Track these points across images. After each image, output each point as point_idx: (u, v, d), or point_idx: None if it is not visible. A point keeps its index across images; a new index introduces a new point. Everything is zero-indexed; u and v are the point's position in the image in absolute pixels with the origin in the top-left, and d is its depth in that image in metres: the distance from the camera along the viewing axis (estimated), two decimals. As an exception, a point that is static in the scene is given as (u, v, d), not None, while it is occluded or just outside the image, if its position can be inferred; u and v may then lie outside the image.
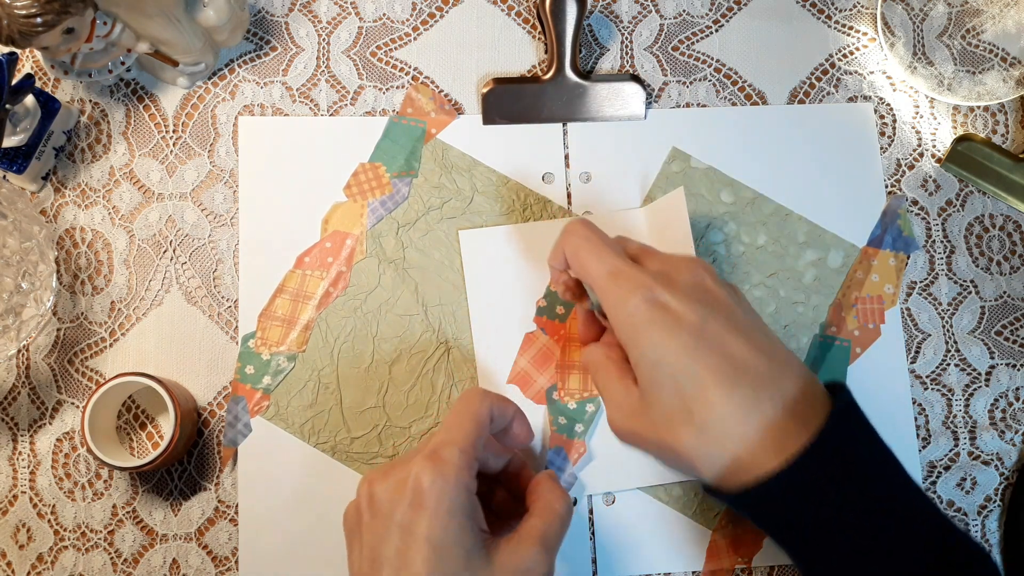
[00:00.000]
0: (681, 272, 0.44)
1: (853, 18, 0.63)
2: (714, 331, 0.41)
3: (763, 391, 0.40)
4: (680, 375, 0.41)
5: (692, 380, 0.41)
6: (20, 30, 0.46)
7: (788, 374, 0.41)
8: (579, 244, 0.46)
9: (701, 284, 0.44)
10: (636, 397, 0.43)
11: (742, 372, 0.41)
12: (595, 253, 0.45)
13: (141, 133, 0.58)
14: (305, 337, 0.56)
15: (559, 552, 0.46)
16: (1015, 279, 0.60)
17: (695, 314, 0.41)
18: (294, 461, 0.54)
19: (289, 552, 0.53)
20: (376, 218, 0.57)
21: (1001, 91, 0.62)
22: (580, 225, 0.47)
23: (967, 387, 0.59)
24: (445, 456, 0.42)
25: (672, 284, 0.43)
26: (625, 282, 0.43)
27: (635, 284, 0.43)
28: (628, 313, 0.42)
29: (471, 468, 0.43)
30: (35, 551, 0.54)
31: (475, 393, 0.46)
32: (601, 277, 0.44)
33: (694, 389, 0.41)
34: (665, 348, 0.41)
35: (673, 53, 0.61)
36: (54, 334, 0.56)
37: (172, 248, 0.57)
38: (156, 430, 0.56)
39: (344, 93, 0.59)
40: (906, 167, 0.61)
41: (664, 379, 0.41)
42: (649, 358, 0.42)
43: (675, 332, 0.41)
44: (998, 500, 0.58)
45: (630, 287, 0.43)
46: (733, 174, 0.59)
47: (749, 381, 0.41)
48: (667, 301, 0.42)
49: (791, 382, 0.41)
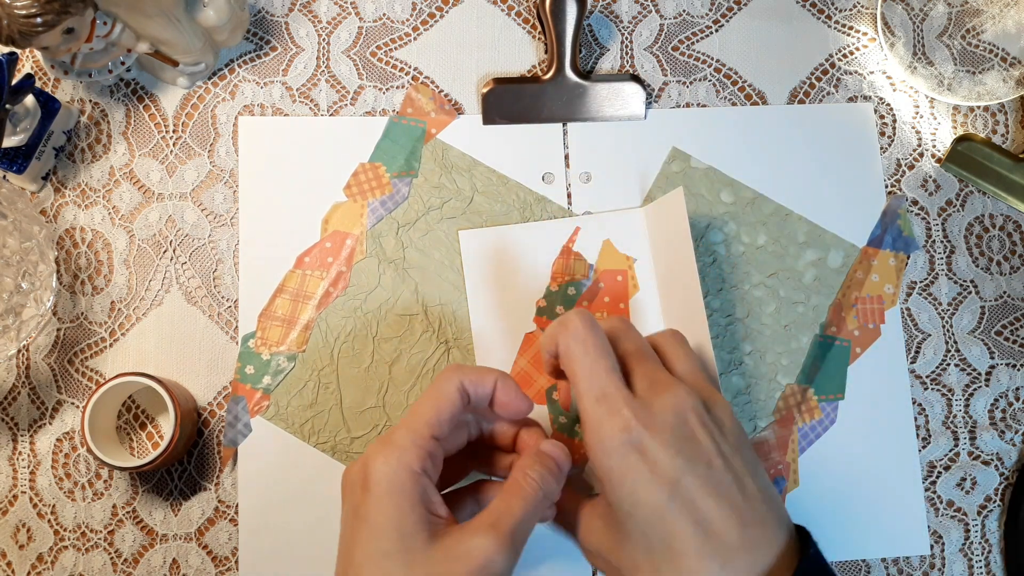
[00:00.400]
0: (665, 408, 0.41)
1: (853, 18, 0.63)
2: (688, 490, 0.39)
3: (733, 565, 0.39)
4: (652, 533, 0.40)
5: (663, 542, 0.39)
6: (20, 30, 0.46)
7: (762, 542, 0.40)
8: (574, 350, 0.43)
9: (684, 427, 0.41)
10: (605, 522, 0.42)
11: (713, 542, 0.39)
12: (589, 367, 0.42)
13: (141, 133, 0.58)
14: (305, 337, 0.56)
15: (559, 552, 0.45)
16: (1015, 279, 0.60)
17: (672, 468, 0.39)
18: (294, 461, 0.54)
19: (289, 552, 0.54)
20: (376, 218, 0.57)
21: (1001, 91, 0.62)
22: (580, 325, 0.43)
23: (967, 387, 0.59)
24: (395, 439, 0.41)
25: (653, 423, 0.40)
26: (607, 413, 0.41)
27: (616, 419, 0.40)
28: (605, 451, 0.40)
29: (419, 449, 0.41)
30: (35, 551, 0.54)
31: (445, 371, 0.44)
32: (587, 398, 0.41)
33: (664, 551, 0.39)
34: (639, 501, 0.40)
35: (673, 53, 0.61)
36: (54, 334, 0.56)
37: (172, 248, 0.57)
38: (156, 430, 0.56)
39: (344, 93, 0.59)
40: (906, 167, 0.61)
41: (636, 529, 0.40)
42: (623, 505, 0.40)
43: (649, 486, 0.39)
44: (998, 500, 0.58)
45: (611, 421, 0.40)
46: (733, 174, 0.59)
47: (720, 553, 0.39)
48: (646, 447, 0.40)
49: (764, 552, 0.40)
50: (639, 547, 0.40)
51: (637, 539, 0.40)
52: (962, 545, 0.57)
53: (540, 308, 0.56)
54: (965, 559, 0.57)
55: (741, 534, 0.39)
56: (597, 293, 0.57)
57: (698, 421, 0.41)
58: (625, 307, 0.57)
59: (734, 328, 0.57)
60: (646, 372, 0.43)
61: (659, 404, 0.41)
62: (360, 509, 0.40)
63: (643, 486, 0.39)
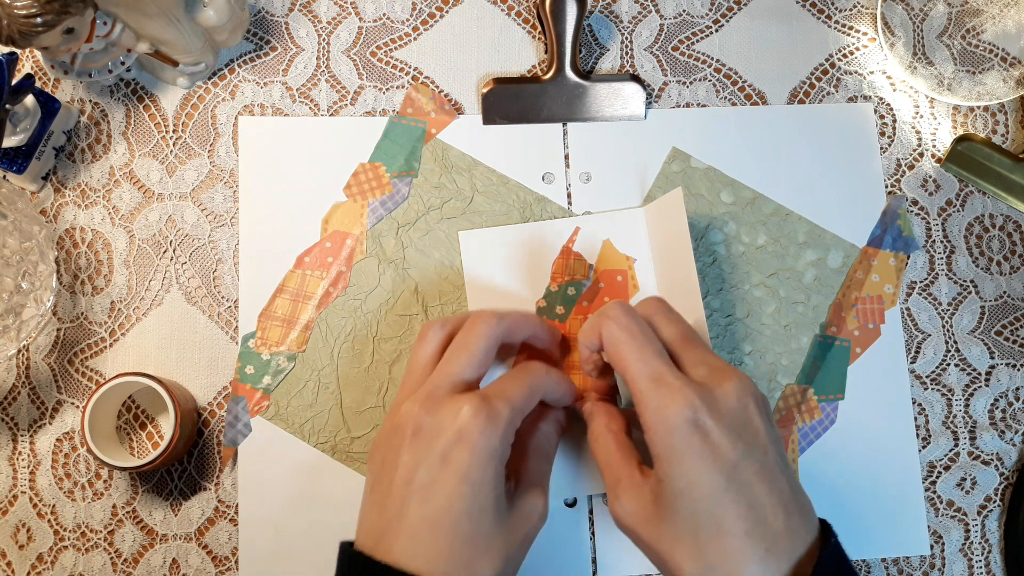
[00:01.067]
0: (728, 393, 0.42)
1: (853, 18, 0.63)
2: (747, 474, 0.41)
3: (776, 550, 0.40)
4: (703, 512, 0.40)
5: (713, 521, 0.40)
6: (20, 30, 0.46)
7: (801, 533, 0.41)
8: (620, 337, 0.44)
9: (745, 413, 0.42)
10: (647, 496, 0.43)
11: (762, 527, 0.40)
12: (638, 351, 0.43)
13: (141, 133, 0.58)
14: (305, 337, 0.56)
15: (559, 553, 0.46)
16: (1015, 279, 0.60)
17: (734, 451, 0.41)
18: (294, 461, 0.54)
19: (289, 552, 0.54)
20: (376, 218, 0.57)
21: (1001, 91, 0.62)
22: (621, 313, 0.45)
23: (967, 387, 0.59)
24: (497, 407, 0.43)
25: (716, 407, 0.41)
26: (668, 393, 0.41)
27: (679, 399, 0.41)
28: (667, 429, 0.41)
29: (514, 427, 0.44)
30: (35, 551, 0.54)
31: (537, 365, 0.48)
32: (642, 380, 0.43)
33: (712, 530, 0.40)
34: (696, 480, 0.40)
35: (673, 53, 0.61)
36: (54, 334, 0.56)
37: (172, 248, 0.57)
38: (156, 430, 0.56)
39: (344, 93, 0.59)
40: (906, 167, 0.61)
41: (685, 507, 0.41)
42: (677, 483, 0.41)
43: (710, 467, 0.40)
44: (998, 500, 0.58)
45: (673, 401, 0.41)
46: (733, 174, 0.59)
47: (766, 537, 0.40)
48: (709, 428, 0.41)
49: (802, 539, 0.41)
50: (685, 525, 0.41)
51: (684, 517, 0.41)
52: (962, 545, 0.57)
53: (540, 308, 0.56)
54: (965, 559, 0.57)
55: (786, 521, 0.41)
56: (597, 293, 0.57)
57: (756, 409, 0.43)
58: (625, 307, 0.57)
59: (734, 328, 0.57)
60: (700, 358, 0.45)
61: (722, 390, 0.42)
62: (453, 460, 0.42)
63: (703, 467, 0.40)
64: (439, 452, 0.42)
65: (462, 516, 0.41)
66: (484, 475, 0.42)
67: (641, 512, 0.43)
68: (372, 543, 0.42)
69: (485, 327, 0.47)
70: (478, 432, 0.42)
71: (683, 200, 0.53)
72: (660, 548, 0.42)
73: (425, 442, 0.43)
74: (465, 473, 0.42)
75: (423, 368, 0.47)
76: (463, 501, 0.41)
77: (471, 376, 0.46)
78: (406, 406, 0.44)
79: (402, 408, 0.45)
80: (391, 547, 0.41)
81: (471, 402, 0.43)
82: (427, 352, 0.48)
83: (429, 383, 0.45)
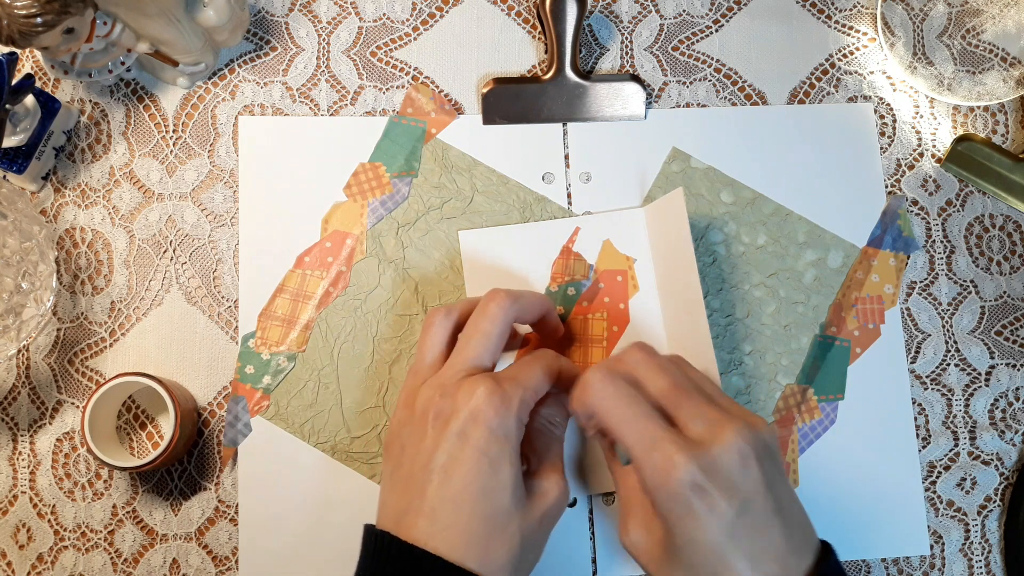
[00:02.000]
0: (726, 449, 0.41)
1: (853, 18, 0.63)
2: (746, 528, 0.41)
3: None
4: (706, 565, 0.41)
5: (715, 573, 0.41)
6: (20, 30, 0.46)
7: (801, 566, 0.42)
8: (604, 407, 0.43)
9: (743, 466, 0.41)
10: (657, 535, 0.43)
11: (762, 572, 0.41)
12: (627, 419, 0.43)
13: (141, 133, 0.58)
14: (305, 337, 0.56)
15: (558, 553, 0.46)
16: (1015, 279, 0.60)
17: (731, 509, 0.41)
18: (294, 461, 0.54)
19: (289, 552, 0.53)
20: (376, 218, 0.57)
21: (1001, 91, 0.62)
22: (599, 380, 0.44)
23: (967, 387, 0.59)
24: (510, 391, 0.44)
25: (714, 467, 0.41)
26: (664, 460, 0.41)
27: (675, 465, 0.41)
28: (667, 494, 0.41)
29: (528, 409, 0.45)
30: (35, 551, 0.54)
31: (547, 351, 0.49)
32: (637, 448, 0.42)
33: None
34: (697, 539, 0.41)
35: (673, 53, 0.61)
36: (54, 334, 0.56)
37: (172, 248, 0.57)
38: (156, 430, 0.56)
39: (344, 93, 0.59)
40: (906, 167, 0.61)
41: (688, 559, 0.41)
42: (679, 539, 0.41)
43: (708, 527, 0.40)
44: (998, 500, 0.58)
45: (671, 467, 0.41)
46: (733, 174, 0.59)
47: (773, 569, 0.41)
48: (707, 490, 0.41)
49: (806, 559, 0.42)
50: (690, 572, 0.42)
51: (689, 566, 0.41)
52: (962, 545, 0.57)
53: (540, 308, 0.56)
54: (965, 559, 0.57)
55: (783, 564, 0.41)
56: (597, 293, 0.57)
57: (755, 458, 0.42)
58: (625, 307, 0.57)
59: (734, 328, 0.57)
60: (695, 411, 0.43)
61: (719, 448, 0.41)
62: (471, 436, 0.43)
63: (703, 527, 0.41)
64: (456, 431, 0.43)
65: (480, 495, 0.42)
66: (501, 453, 0.43)
67: (650, 551, 0.44)
68: (393, 523, 0.43)
69: (499, 309, 0.47)
70: (492, 412, 0.43)
71: (684, 200, 0.53)
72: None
73: (443, 424, 0.44)
74: (483, 450, 0.43)
75: (435, 356, 0.48)
76: (481, 478, 0.42)
77: (488, 361, 0.47)
78: (424, 392, 0.45)
79: (420, 394, 0.46)
80: (412, 526, 0.42)
81: (485, 383, 0.44)
82: (436, 340, 0.48)
83: (447, 368, 0.46)
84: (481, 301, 0.48)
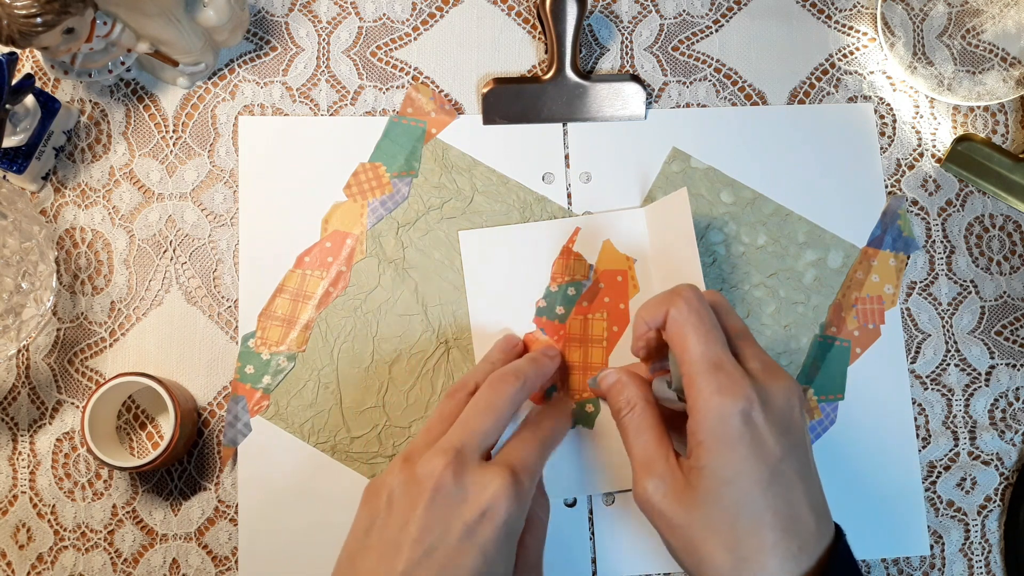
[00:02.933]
0: (779, 391, 0.43)
1: (853, 18, 0.63)
2: (789, 471, 0.41)
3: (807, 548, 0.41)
4: (745, 504, 0.41)
5: (753, 514, 0.41)
6: (20, 30, 0.46)
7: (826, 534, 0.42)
8: (689, 318, 0.44)
9: (791, 412, 0.43)
10: (681, 481, 0.43)
11: (797, 525, 0.41)
12: (704, 335, 0.43)
13: (141, 133, 0.58)
14: (305, 337, 0.56)
15: (558, 553, 0.46)
16: (1015, 279, 0.60)
17: (780, 447, 0.41)
18: (294, 461, 0.55)
19: (289, 552, 0.54)
20: (376, 218, 0.57)
21: (1001, 91, 0.62)
22: (693, 296, 0.44)
23: (967, 387, 0.59)
24: (525, 484, 0.44)
25: (768, 403, 0.42)
26: (727, 382, 0.42)
27: (736, 389, 0.41)
28: (719, 416, 0.41)
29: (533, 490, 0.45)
30: (35, 551, 0.54)
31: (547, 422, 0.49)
32: (702, 363, 0.42)
33: (751, 523, 0.41)
34: (742, 471, 0.41)
35: (673, 53, 0.61)
36: (54, 334, 0.56)
37: (172, 248, 0.57)
38: (156, 430, 0.56)
39: (344, 93, 0.59)
40: (906, 167, 0.61)
41: (727, 496, 0.41)
42: (721, 471, 0.41)
43: (756, 460, 0.41)
44: (998, 500, 0.58)
45: (730, 390, 0.41)
46: (733, 174, 0.59)
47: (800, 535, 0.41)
48: (760, 422, 0.41)
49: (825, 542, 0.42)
50: (723, 515, 0.41)
51: (724, 506, 0.41)
52: (962, 545, 0.57)
53: (540, 308, 0.56)
54: (965, 559, 0.57)
55: (816, 523, 0.42)
56: (597, 293, 0.57)
57: (799, 410, 0.44)
58: (625, 307, 0.57)
59: (734, 328, 0.58)
60: (756, 353, 0.45)
61: (774, 387, 0.43)
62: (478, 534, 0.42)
63: (750, 459, 0.41)
64: (463, 526, 0.42)
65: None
66: (499, 552, 0.42)
67: (673, 495, 0.42)
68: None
69: (512, 389, 0.47)
70: (506, 511, 0.42)
71: (688, 201, 0.53)
72: (691, 533, 0.42)
73: (446, 508, 0.42)
74: (485, 550, 0.42)
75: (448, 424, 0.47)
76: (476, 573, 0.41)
77: (496, 439, 0.46)
78: (431, 460, 0.43)
79: (424, 459, 0.43)
80: None
81: (503, 478, 0.43)
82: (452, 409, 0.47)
83: (454, 438, 0.44)
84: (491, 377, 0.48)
